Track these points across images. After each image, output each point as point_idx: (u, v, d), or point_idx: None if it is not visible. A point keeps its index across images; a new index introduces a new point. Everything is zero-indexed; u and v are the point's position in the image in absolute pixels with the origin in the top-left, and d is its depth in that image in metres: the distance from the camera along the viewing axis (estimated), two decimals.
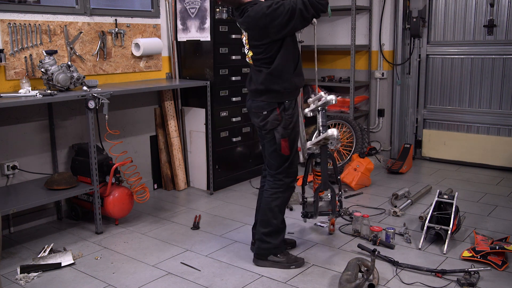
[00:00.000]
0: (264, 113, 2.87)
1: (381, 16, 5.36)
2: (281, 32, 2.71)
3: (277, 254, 2.98)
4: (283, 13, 2.66)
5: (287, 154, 2.89)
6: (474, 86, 5.12)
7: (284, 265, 2.96)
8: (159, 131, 4.53)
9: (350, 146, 4.98)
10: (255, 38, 2.80)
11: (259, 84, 2.86)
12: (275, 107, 2.84)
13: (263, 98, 2.87)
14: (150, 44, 4.22)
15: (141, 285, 2.80)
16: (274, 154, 2.92)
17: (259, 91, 2.87)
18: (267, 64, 2.81)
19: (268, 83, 2.82)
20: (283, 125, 2.84)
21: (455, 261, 3.01)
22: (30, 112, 3.63)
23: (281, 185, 2.94)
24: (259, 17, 2.70)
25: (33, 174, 3.68)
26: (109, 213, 3.63)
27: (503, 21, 4.85)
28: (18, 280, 2.85)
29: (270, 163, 2.97)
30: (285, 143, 2.87)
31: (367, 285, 2.60)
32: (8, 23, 3.40)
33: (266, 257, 2.98)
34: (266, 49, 2.79)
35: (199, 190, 4.57)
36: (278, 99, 2.84)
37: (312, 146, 2.93)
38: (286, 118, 2.84)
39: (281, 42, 2.77)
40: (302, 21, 2.70)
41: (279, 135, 2.86)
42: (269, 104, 2.85)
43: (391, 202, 4.07)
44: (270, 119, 2.86)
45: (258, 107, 2.90)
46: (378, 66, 5.51)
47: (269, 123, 2.86)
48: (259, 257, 3.00)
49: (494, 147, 5.04)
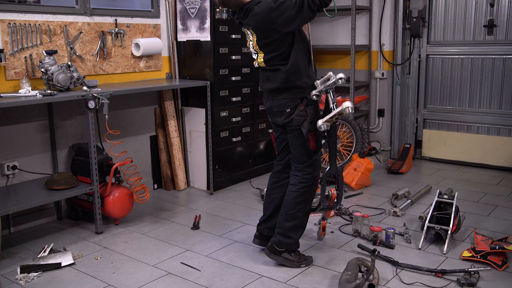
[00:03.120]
0: (288, 110, 2.85)
1: (381, 16, 5.36)
2: (290, 25, 2.69)
3: (291, 253, 2.96)
4: (290, 6, 2.64)
5: (314, 149, 2.88)
6: (474, 86, 5.12)
7: (295, 264, 2.96)
8: (159, 131, 4.53)
9: (350, 146, 4.98)
10: (264, 35, 2.77)
11: (279, 83, 2.83)
12: (298, 103, 2.82)
13: (284, 96, 2.84)
14: (150, 44, 4.23)
15: (141, 285, 2.80)
16: (301, 148, 2.89)
17: (279, 90, 2.85)
18: (282, 60, 2.79)
19: (288, 80, 2.80)
20: (309, 119, 2.83)
21: (455, 261, 3.01)
22: (30, 112, 3.63)
23: (309, 178, 2.91)
24: (267, 12, 2.68)
25: (33, 174, 3.68)
26: (109, 213, 3.63)
27: (503, 21, 4.85)
28: (18, 280, 2.85)
29: (297, 157, 2.93)
30: (312, 137, 2.85)
31: (367, 285, 2.59)
32: (8, 23, 3.40)
33: (280, 254, 2.95)
34: (277, 45, 2.77)
35: (199, 190, 4.57)
36: (300, 94, 2.82)
37: (324, 124, 2.81)
38: (311, 112, 2.84)
39: (292, 37, 2.76)
40: (309, 13, 2.67)
41: (306, 130, 2.83)
42: (292, 100, 2.83)
43: (391, 202, 4.07)
44: (295, 116, 2.83)
45: (280, 105, 2.87)
46: (378, 66, 5.51)
47: (295, 120, 2.84)
48: (274, 251, 2.96)
49: (494, 147, 5.04)
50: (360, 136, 4.89)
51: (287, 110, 2.85)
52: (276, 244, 2.95)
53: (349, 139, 5.00)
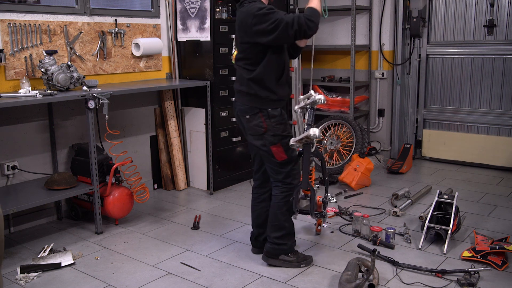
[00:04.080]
0: (247, 117, 2.86)
1: (381, 16, 5.36)
2: (262, 38, 2.69)
3: (288, 254, 2.98)
4: (269, 20, 2.64)
5: (282, 159, 2.86)
6: (474, 86, 5.12)
7: (295, 264, 2.96)
8: (159, 131, 4.53)
9: (350, 146, 4.98)
10: (241, 35, 2.80)
11: (244, 86, 2.86)
12: (257, 112, 2.82)
13: (245, 101, 2.86)
14: (150, 44, 4.23)
15: (141, 285, 2.80)
16: (270, 161, 2.90)
17: (243, 93, 2.87)
18: (249, 65, 2.81)
19: (250, 87, 2.82)
20: (271, 132, 2.82)
21: (455, 261, 3.01)
22: (30, 112, 3.63)
23: (291, 188, 2.92)
24: (248, 15, 2.70)
25: (33, 174, 3.68)
26: (109, 213, 3.63)
27: (503, 21, 4.85)
28: (18, 280, 2.85)
29: (270, 169, 2.94)
30: (278, 149, 2.84)
31: (367, 285, 2.59)
32: (8, 23, 3.40)
33: (277, 256, 2.97)
34: (248, 50, 2.78)
35: (199, 190, 4.57)
36: (260, 105, 2.82)
37: (295, 143, 2.88)
38: (273, 125, 2.82)
39: (266, 50, 2.76)
40: (285, 35, 2.65)
41: (267, 142, 2.83)
42: (251, 108, 2.84)
43: (391, 202, 4.07)
44: (254, 125, 2.85)
45: (241, 110, 2.89)
46: (378, 66, 5.51)
47: (253, 129, 2.86)
48: (271, 256, 2.99)
49: (494, 147, 5.03)
50: (360, 136, 4.89)
51: (246, 116, 2.86)
52: (271, 250, 2.99)
53: (349, 139, 5.00)
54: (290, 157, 2.89)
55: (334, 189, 4.43)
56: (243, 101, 2.87)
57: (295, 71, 5.16)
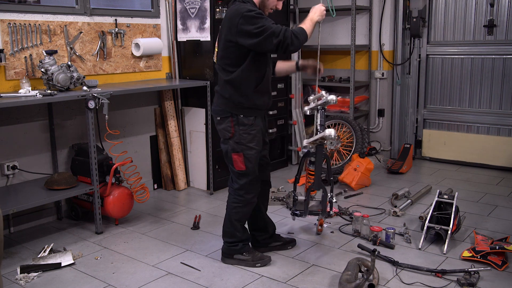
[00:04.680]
0: (218, 118, 2.85)
1: (381, 16, 5.36)
2: (245, 40, 2.64)
3: (243, 253, 3.01)
4: (256, 24, 2.59)
5: (239, 169, 2.84)
6: (474, 86, 5.12)
7: (249, 263, 2.98)
8: (159, 131, 4.53)
9: (350, 146, 4.98)
10: (225, 32, 2.73)
11: (218, 87, 2.85)
12: (228, 116, 2.79)
13: (219, 103, 2.84)
14: (150, 44, 4.22)
15: (141, 285, 2.80)
16: (231, 165, 2.89)
17: (218, 94, 2.86)
18: (228, 66, 2.76)
19: (226, 89, 2.79)
20: (235, 139, 2.79)
21: (455, 261, 3.01)
22: (30, 112, 3.63)
23: (242, 200, 2.92)
24: (236, 14, 2.64)
25: (33, 174, 3.68)
26: (109, 213, 3.63)
27: (503, 21, 4.85)
28: (18, 280, 2.85)
29: (232, 178, 2.95)
30: (238, 158, 2.81)
31: (367, 285, 2.60)
32: (8, 23, 3.40)
33: (232, 256, 3.02)
34: (231, 48, 2.72)
35: (199, 190, 4.57)
36: (231, 109, 2.79)
37: (309, 144, 2.91)
38: (240, 133, 2.78)
39: (248, 53, 2.71)
40: (268, 43, 2.60)
41: (230, 148, 2.82)
42: (223, 111, 2.82)
43: (391, 202, 4.07)
44: (221, 128, 2.83)
45: (214, 110, 2.89)
46: (378, 66, 5.51)
47: (220, 131, 2.85)
48: (226, 256, 3.05)
49: (494, 147, 5.03)
50: (360, 136, 4.89)
51: (217, 118, 2.85)
52: (224, 250, 3.06)
53: (349, 139, 5.00)
54: (248, 170, 2.84)
55: (334, 189, 4.42)
56: (217, 103, 2.85)
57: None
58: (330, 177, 3.20)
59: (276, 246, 3.19)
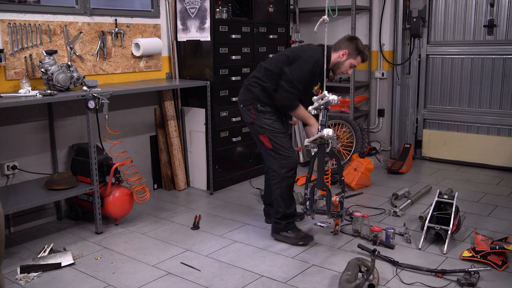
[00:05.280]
0: (241, 106, 3.31)
1: (381, 16, 5.36)
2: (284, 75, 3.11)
3: (288, 230, 3.29)
4: (299, 80, 3.07)
5: (268, 148, 3.22)
6: (474, 86, 5.12)
7: (293, 240, 3.27)
8: (159, 131, 4.53)
9: (350, 146, 4.98)
10: (289, 55, 3.21)
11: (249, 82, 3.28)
12: (248, 104, 3.24)
13: (243, 93, 3.30)
14: (150, 44, 4.22)
15: (141, 285, 2.80)
16: (262, 148, 3.28)
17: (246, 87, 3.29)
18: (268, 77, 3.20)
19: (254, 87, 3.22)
20: (258, 123, 3.22)
21: (455, 261, 3.01)
22: (30, 112, 3.63)
23: (276, 176, 3.23)
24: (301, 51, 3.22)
25: (33, 174, 3.68)
26: (109, 213, 3.63)
27: (503, 21, 4.85)
28: (18, 280, 2.85)
29: (265, 158, 3.33)
30: (264, 138, 3.22)
31: (367, 285, 2.59)
32: (8, 23, 3.40)
33: (279, 232, 3.32)
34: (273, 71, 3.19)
35: (199, 190, 4.57)
36: (251, 99, 3.23)
37: (309, 144, 2.93)
38: (260, 118, 3.21)
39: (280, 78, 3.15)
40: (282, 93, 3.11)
41: (256, 131, 3.26)
42: (245, 100, 3.27)
43: (391, 202, 4.07)
44: (244, 112, 3.29)
45: (239, 100, 3.35)
46: (378, 66, 5.51)
47: (244, 117, 3.31)
48: (274, 231, 3.38)
49: (494, 147, 5.03)
50: (360, 136, 4.89)
51: (240, 106, 3.32)
52: (272, 228, 3.40)
53: (349, 139, 5.00)
54: (275, 148, 3.20)
55: (334, 189, 4.42)
56: (243, 93, 3.32)
57: None
58: (341, 177, 3.21)
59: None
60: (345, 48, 3.29)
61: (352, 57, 3.28)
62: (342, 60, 3.29)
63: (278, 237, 3.34)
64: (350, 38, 3.33)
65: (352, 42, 3.29)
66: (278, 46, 4.93)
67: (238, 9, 4.65)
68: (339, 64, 3.28)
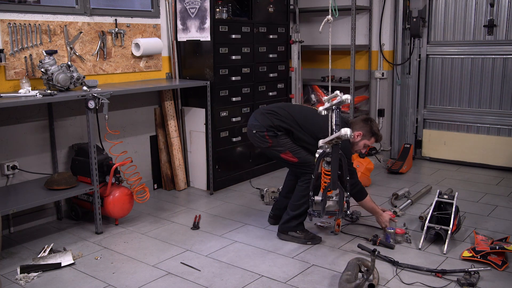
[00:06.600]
0: (253, 132, 3.28)
1: (381, 16, 5.36)
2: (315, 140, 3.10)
3: (297, 231, 3.31)
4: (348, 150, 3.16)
5: (296, 161, 3.24)
6: (474, 86, 5.12)
7: (302, 240, 3.29)
8: (159, 131, 4.53)
9: None
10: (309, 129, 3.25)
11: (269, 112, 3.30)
12: (263, 131, 3.23)
13: (260, 119, 3.27)
14: (150, 44, 4.22)
15: (141, 285, 2.80)
16: (288, 165, 3.36)
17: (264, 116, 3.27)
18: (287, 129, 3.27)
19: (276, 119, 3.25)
20: (276, 146, 3.24)
21: (455, 261, 3.01)
22: (30, 112, 3.63)
23: (308, 180, 3.21)
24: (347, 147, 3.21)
25: (33, 174, 3.68)
26: (109, 213, 3.63)
27: (503, 21, 4.85)
28: (18, 280, 2.85)
29: (295, 171, 3.38)
30: (287, 155, 3.24)
31: (367, 285, 2.59)
32: (8, 23, 3.40)
33: (287, 232, 3.33)
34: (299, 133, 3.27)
35: (199, 190, 4.57)
36: (268, 127, 3.23)
37: (324, 144, 2.87)
38: (277, 140, 3.23)
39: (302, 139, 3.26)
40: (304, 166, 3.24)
41: (276, 153, 3.27)
42: (260, 126, 3.25)
43: (391, 202, 4.07)
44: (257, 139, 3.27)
45: (252, 125, 3.32)
46: (378, 66, 5.51)
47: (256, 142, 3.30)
48: (282, 231, 3.37)
49: (494, 147, 5.03)
50: None
51: (253, 131, 3.28)
52: (281, 227, 3.38)
53: None
54: (301, 159, 3.23)
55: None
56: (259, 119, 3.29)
57: (295, 71, 5.16)
58: (347, 177, 3.19)
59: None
60: (359, 129, 3.34)
61: (366, 138, 3.36)
62: (357, 141, 3.35)
63: (285, 237, 3.34)
64: (365, 120, 3.40)
65: (367, 124, 3.37)
66: (278, 46, 4.93)
67: (238, 9, 4.66)
68: (353, 144, 3.36)
